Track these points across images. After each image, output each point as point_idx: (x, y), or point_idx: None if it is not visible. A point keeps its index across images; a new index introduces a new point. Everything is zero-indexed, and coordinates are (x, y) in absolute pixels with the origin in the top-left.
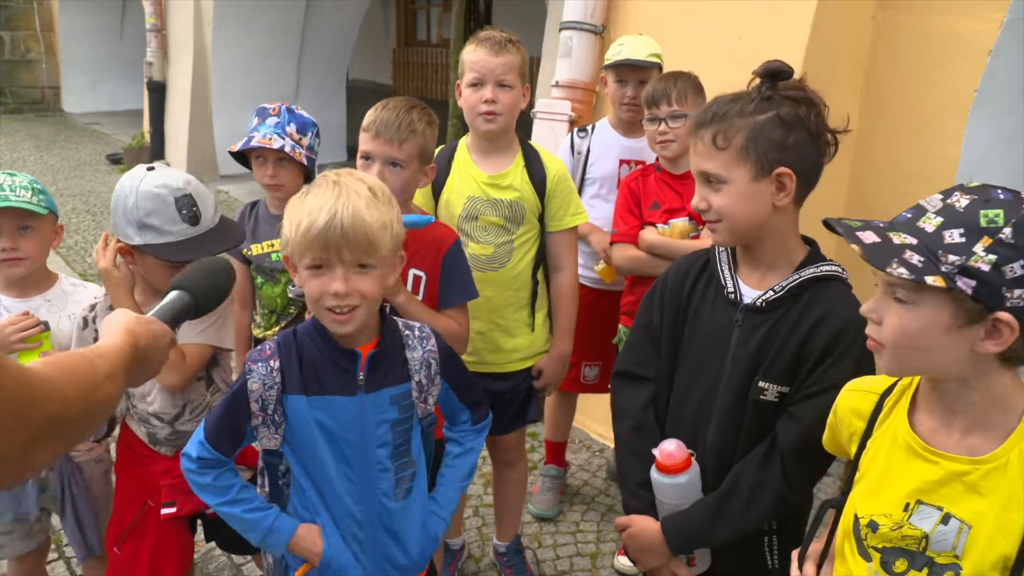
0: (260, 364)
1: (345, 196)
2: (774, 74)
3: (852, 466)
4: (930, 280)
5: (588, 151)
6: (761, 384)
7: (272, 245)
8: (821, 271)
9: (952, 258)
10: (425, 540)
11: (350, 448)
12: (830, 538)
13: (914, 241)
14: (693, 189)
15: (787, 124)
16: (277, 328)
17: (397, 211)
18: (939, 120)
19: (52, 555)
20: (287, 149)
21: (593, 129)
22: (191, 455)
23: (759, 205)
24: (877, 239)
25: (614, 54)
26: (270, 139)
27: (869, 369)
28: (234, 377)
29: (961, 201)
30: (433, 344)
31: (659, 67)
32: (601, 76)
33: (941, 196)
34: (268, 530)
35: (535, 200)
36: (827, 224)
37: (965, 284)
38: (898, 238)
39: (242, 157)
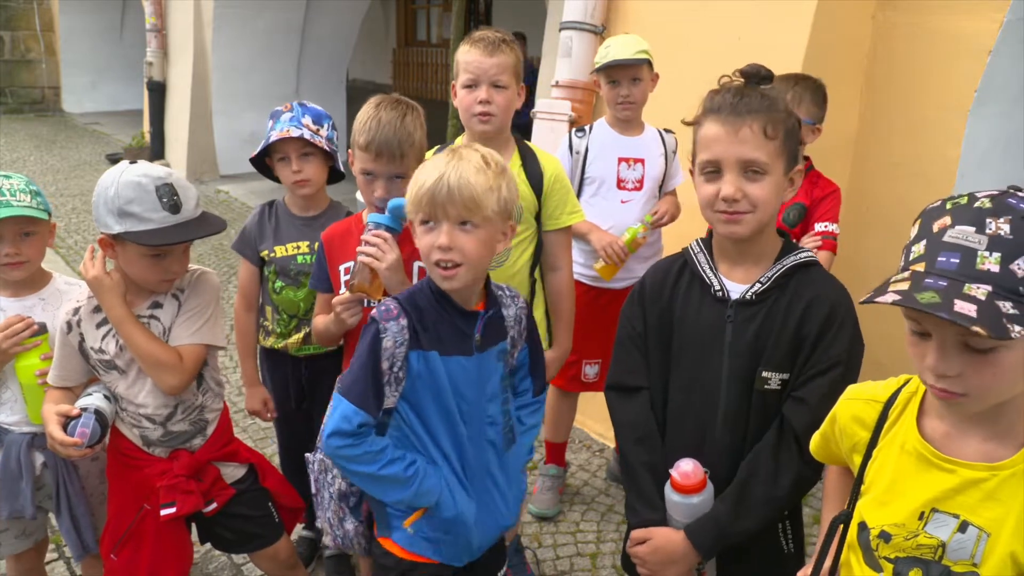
0: (392, 323)
1: (456, 161)
2: (763, 78)
3: (857, 477)
4: None
5: (586, 150)
6: (764, 374)
7: (298, 247)
8: (800, 258)
9: None
10: (519, 491)
11: (466, 404)
12: (838, 553)
13: (989, 288)
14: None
15: (799, 125)
16: (299, 335)
17: (510, 182)
18: (939, 120)
19: (52, 555)
20: (307, 136)
21: (591, 129)
22: (342, 430)
23: (780, 199)
24: (972, 305)
25: (602, 57)
26: (288, 131)
27: (861, 344)
28: (235, 376)
29: (1002, 227)
30: (522, 302)
31: (648, 63)
32: (594, 79)
33: (972, 228)
34: (419, 488)
35: (532, 199)
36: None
37: None
38: (974, 291)
39: (262, 166)
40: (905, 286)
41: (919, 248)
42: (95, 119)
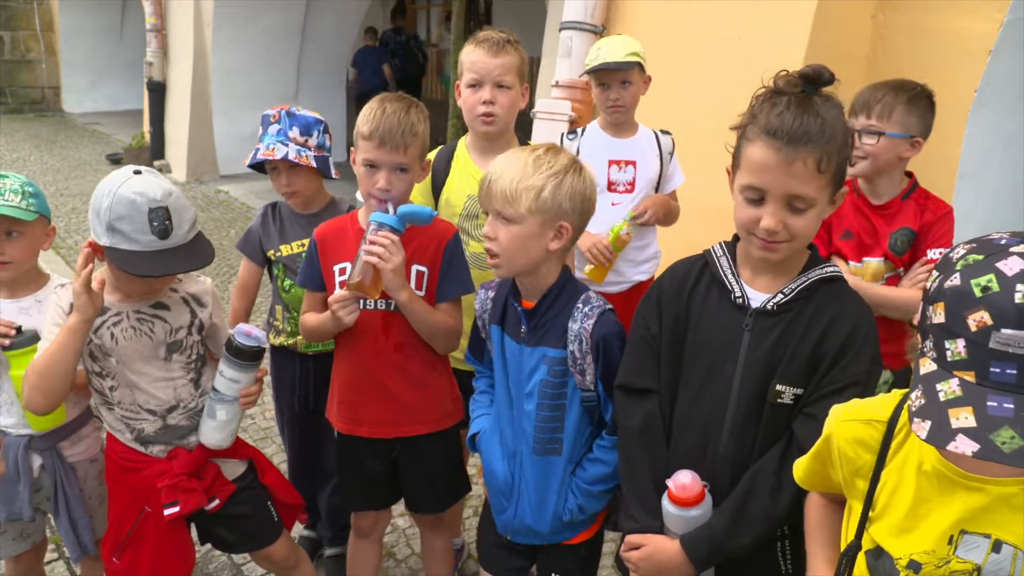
0: (483, 291)
1: (507, 159)
2: (824, 83)
3: (865, 503)
4: None
5: (577, 153)
6: (779, 387)
7: (303, 245)
8: (827, 272)
9: None
10: (553, 505)
11: (513, 385)
12: None
13: None
14: (891, 224)
15: (851, 142)
16: None
17: (564, 184)
18: (939, 120)
19: (52, 555)
20: (291, 156)
21: (582, 132)
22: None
23: (819, 225)
24: None
25: (592, 59)
26: (273, 149)
27: (880, 366)
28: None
29: None
30: (590, 324)
31: (640, 66)
32: (585, 81)
33: (1021, 332)
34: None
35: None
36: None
37: None
38: None
39: (260, 166)
40: (968, 416)
41: (959, 349)
42: (95, 119)
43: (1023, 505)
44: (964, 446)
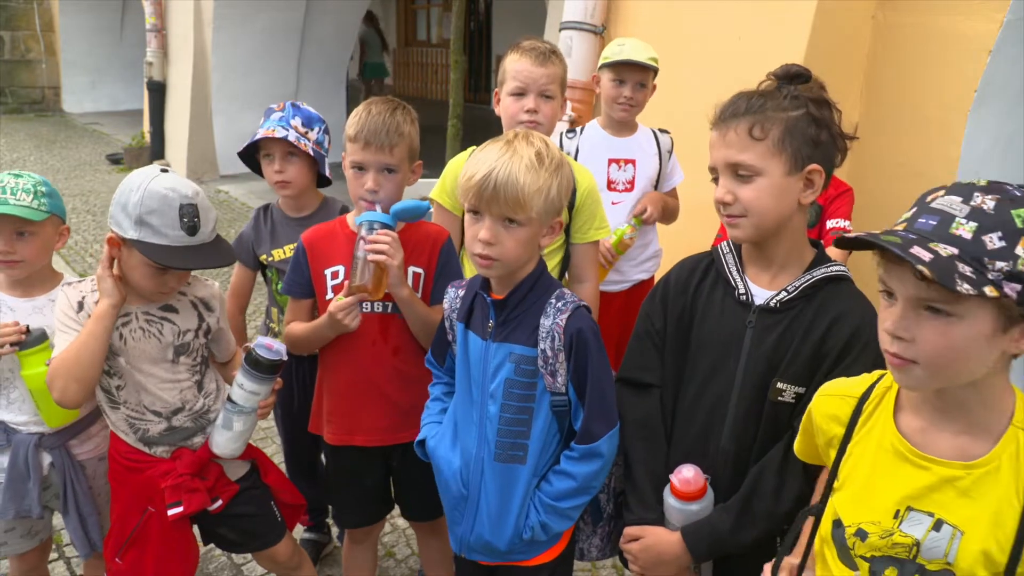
0: (452, 289)
1: (509, 156)
2: (793, 77)
3: (831, 472)
4: (988, 292)
5: (577, 152)
6: (779, 385)
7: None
8: (832, 271)
9: (999, 264)
10: (513, 520)
11: (475, 386)
12: (808, 547)
13: (955, 251)
14: None
15: (817, 122)
16: None
17: (563, 179)
18: (939, 120)
19: (52, 555)
20: (291, 138)
21: (582, 130)
22: (427, 360)
23: (787, 201)
24: (929, 254)
25: (615, 53)
26: (273, 130)
27: (884, 367)
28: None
29: (987, 202)
30: (563, 319)
31: (655, 71)
32: (594, 76)
33: (959, 198)
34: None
35: (564, 212)
36: (855, 240)
37: (1012, 289)
38: (941, 250)
39: (252, 161)
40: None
41: (907, 214)
42: (95, 119)
43: (966, 488)
44: (852, 235)
